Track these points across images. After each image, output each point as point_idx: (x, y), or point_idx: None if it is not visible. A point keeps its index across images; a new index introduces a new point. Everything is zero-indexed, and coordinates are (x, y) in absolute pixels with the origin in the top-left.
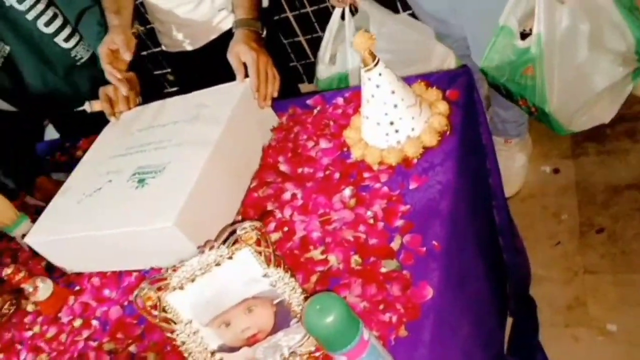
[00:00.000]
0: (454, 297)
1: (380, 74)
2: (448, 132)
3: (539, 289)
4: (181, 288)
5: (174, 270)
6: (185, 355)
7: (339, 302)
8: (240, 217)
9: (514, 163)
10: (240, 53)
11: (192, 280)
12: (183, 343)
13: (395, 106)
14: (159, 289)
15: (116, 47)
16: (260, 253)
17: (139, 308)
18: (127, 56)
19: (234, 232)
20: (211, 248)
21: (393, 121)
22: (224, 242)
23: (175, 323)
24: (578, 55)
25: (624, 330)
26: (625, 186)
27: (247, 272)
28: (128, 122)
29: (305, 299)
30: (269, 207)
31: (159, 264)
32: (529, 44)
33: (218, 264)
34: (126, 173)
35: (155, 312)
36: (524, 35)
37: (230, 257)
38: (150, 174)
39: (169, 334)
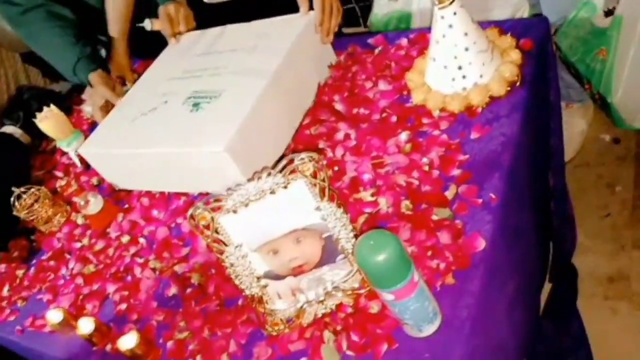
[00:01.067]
0: (505, 252)
1: (455, 13)
2: (518, 83)
3: (582, 259)
4: (234, 211)
5: (230, 194)
6: (232, 277)
7: (393, 240)
8: (290, 152)
9: (574, 128)
10: None
11: (246, 205)
12: (231, 265)
13: (467, 49)
14: (214, 209)
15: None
16: (315, 185)
17: (192, 226)
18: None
19: (291, 161)
20: (268, 175)
21: (462, 65)
22: (281, 170)
23: (225, 245)
24: None
25: None
26: None
27: (300, 203)
28: (187, 46)
29: (355, 237)
30: (321, 145)
31: (206, 189)
32: (608, 24)
33: (273, 192)
34: (182, 96)
35: (208, 232)
36: (607, 13)
37: (285, 187)
38: (206, 99)
39: (218, 255)
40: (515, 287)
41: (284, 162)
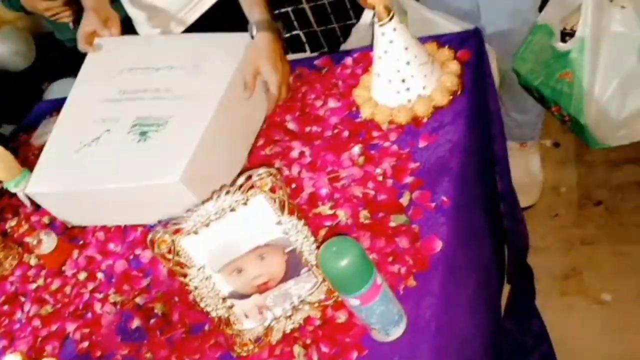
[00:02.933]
0: (462, 252)
1: (394, 29)
2: (459, 92)
3: (536, 259)
4: (195, 232)
5: (189, 215)
6: (197, 300)
7: (354, 244)
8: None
9: (532, 168)
10: (261, 69)
11: (207, 225)
12: (195, 288)
13: (408, 63)
14: (174, 232)
15: (93, 28)
16: (274, 200)
17: (153, 251)
18: (107, 33)
19: (249, 177)
20: (227, 193)
21: (405, 79)
22: (240, 187)
23: (188, 268)
24: (625, 65)
25: (618, 299)
26: (625, 160)
27: (261, 219)
28: (113, 57)
29: (317, 248)
30: (277, 164)
31: (164, 219)
32: (570, 47)
33: (233, 210)
34: (125, 123)
35: (170, 256)
36: (565, 34)
37: (245, 203)
38: (152, 127)
39: (181, 279)
40: (475, 286)
41: (242, 178)
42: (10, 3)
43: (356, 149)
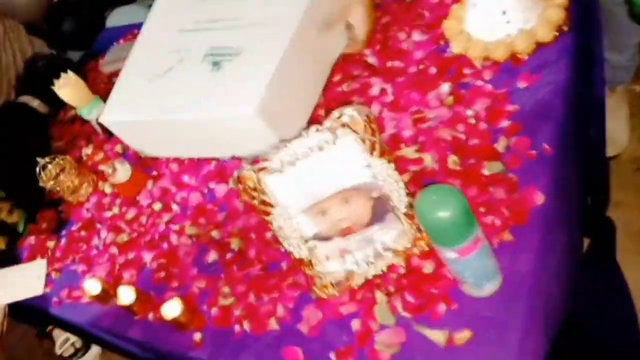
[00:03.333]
0: (561, 206)
1: None
2: (565, 28)
3: (616, 213)
4: (281, 171)
5: (276, 152)
6: (281, 239)
7: (458, 195)
8: (322, 112)
9: (620, 114)
10: (352, 11)
11: (293, 164)
12: (279, 227)
13: None
14: (260, 170)
15: None
16: (365, 141)
17: (237, 188)
18: None
19: (340, 116)
20: (316, 131)
21: (505, 10)
22: (330, 126)
23: (272, 207)
24: None
25: None
26: None
27: (349, 160)
28: None
29: (407, 194)
30: (355, 102)
31: (238, 153)
32: None
33: (321, 149)
34: (198, 53)
35: (255, 194)
36: None
37: (334, 143)
38: (226, 57)
39: (265, 217)
40: (566, 241)
41: (333, 116)
42: None
43: (445, 87)
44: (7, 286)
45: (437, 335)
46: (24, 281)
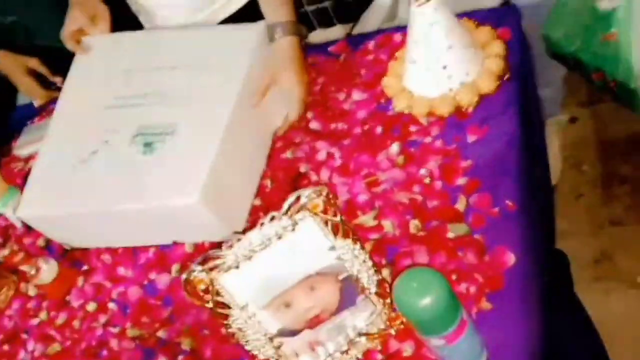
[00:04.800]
0: (534, 261)
1: (435, 9)
2: (506, 77)
3: (564, 244)
4: (237, 267)
5: (230, 247)
6: (242, 342)
7: (438, 279)
8: (269, 182)
9: (551, 145)
10: (281, 78)
11: (249, 258)
12: (239, 329)
13: (450, 47)
14: (211, 269)
15: (78, 25)
16: (327, 223)
17: (188, 294)
18: (95, 31)
19: (298, 199)
20: (271, 219)
21: (446, 65)
22: (287, 211)
23: (230, 308)
24: None
25: None
26: None
27: (311, 245)
28: (104, 57)
29: (376, 272)
30: (302, 169)
31: (178, 239)
32: (614, 4)
33: (279, 237)
34: (125, 133)
35: (208, 297)
36: None
37: (293, 229)
38: (158, 137)
39: (223, 321)
40: (541, 292)
41: (289, 201)
42: None
43: (394, 147)
44: None
45: None
46: None
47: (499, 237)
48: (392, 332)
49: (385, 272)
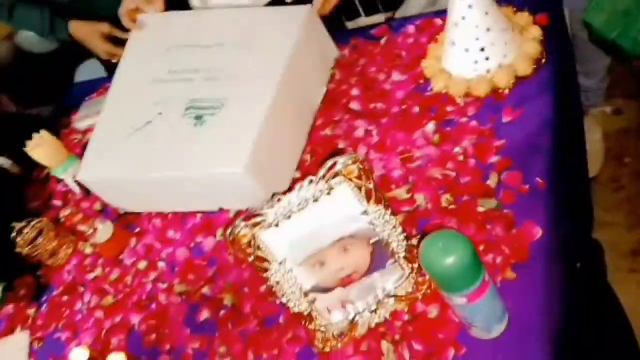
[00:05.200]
0: (559, 237)
1: None
2: (543, 60)
3: (601, 234)
4: (276, 225)
5: (270, 207)
6: (279, 295)
7: (464, 241)
8: (309, 157)
9: (593, 136)
10: None
11: (288, 217)
12: (277, 283)
13: (488, 30)
14: (254, 225)
15: (135, 4)
16: (360, 188)
17: (233, 247)
18: (150, 9)
19: (333, 165)
20: (310, 182)
21: (484, 47)
22: (323, 176)
23: (269, 262)
24: None
25: None
26: None
27: (345, 209)
28: (159, 33)
29: (405, 238)
30: (341, 145)
31: (224, 206)
32: None
33: (316, 200)
34: (178, 106)
35: (250, 250)
36: None
37: (329, 193)
38: (208, 110)
39: (262, 274)
40: (566, 270)
41: (326, 166)
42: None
43: (430, 126)
44: None
45: None
46: (5, 358)
47: (528, 212)
48: (419, 295)
49: (415, 241)
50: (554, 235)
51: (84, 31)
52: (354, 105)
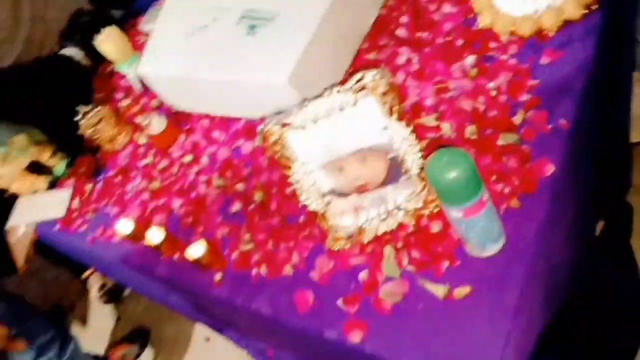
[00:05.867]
0: (570, 178)
1: None
2: (595, 6)
3: (635, 198)
4: (303, 128)
5: (299, 109)
6: (298, 192)
7: (466, 158)
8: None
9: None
10: None
11: (315, 122)
12: (297, 181)
13: None
14: (283, 125)
15: None
16: (384, 104)
17: (262, 142)
18: None
19: (362, 78)
20: (338, 91)
21: None
22: (351, 87)
23: (292, 161)
24: None
25: None
26: None
27: (368, 122)
28: None
29: (422, 158)
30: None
31: (266, 115)
32: None
33: (342, 109)
34: (233, 14)
35: (277, 148)
36: None
37: (355, 104)
38: (261, 21)
39: (285, 171)
40: (574, 214)
41: (355, 78)
42: None
43: (469, 60)
44: (32, 208)
45: (437, 289)
46: (48, 205)
47: (546, 149)
48: (426, 212)
49: None
50: (567, 176)
51: None
52: (401, 32)
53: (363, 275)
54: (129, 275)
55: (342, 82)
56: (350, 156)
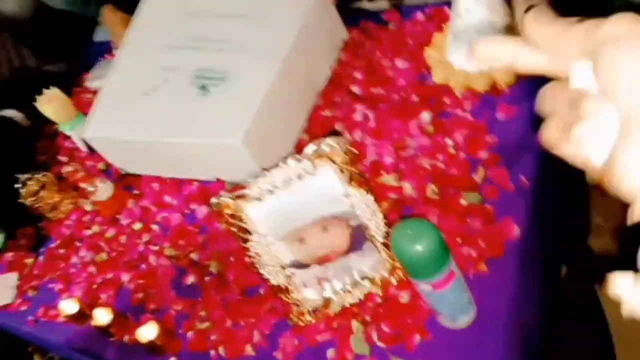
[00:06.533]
0: (537, 238)
1: None
2: None
3: (597, 241)
4: (260, 199)
5: (255, 181)
6: (258, 266)
7: (432, 229)
8: (306, 136)
9: None
10: None
11: (272, 193)
12: (257, 255)
13: (492, 24)
14: (238, 197)
15: None
16: (343, 171)
17: (217, 216)
18: None
19: (319, 146)
20: (296, 161)
21: None
22: (309, 156)
23: (250, 234)
24: None
25: None
26: None
27: (328, 190)
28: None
29: (386, 225)
30: (337, 127)
31: (219, 177)
32: None
33: (300, 178)
34: (185, 74)
35: (232, 221)
36: None
37: (313, 172)
38: (213, 81)
39: (243, 245)
40: (541, 272)
41: (311, 146)
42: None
43: (426, 116)
44: None
45: None
46: None
47: (509, 209)
48: (393, 280)
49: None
50: (533, 235)
51: (114, 20)
52: (356, 89)
53: (331, 353)
54: (76, 359)
55: (299, 148)
56: (311, 226)
